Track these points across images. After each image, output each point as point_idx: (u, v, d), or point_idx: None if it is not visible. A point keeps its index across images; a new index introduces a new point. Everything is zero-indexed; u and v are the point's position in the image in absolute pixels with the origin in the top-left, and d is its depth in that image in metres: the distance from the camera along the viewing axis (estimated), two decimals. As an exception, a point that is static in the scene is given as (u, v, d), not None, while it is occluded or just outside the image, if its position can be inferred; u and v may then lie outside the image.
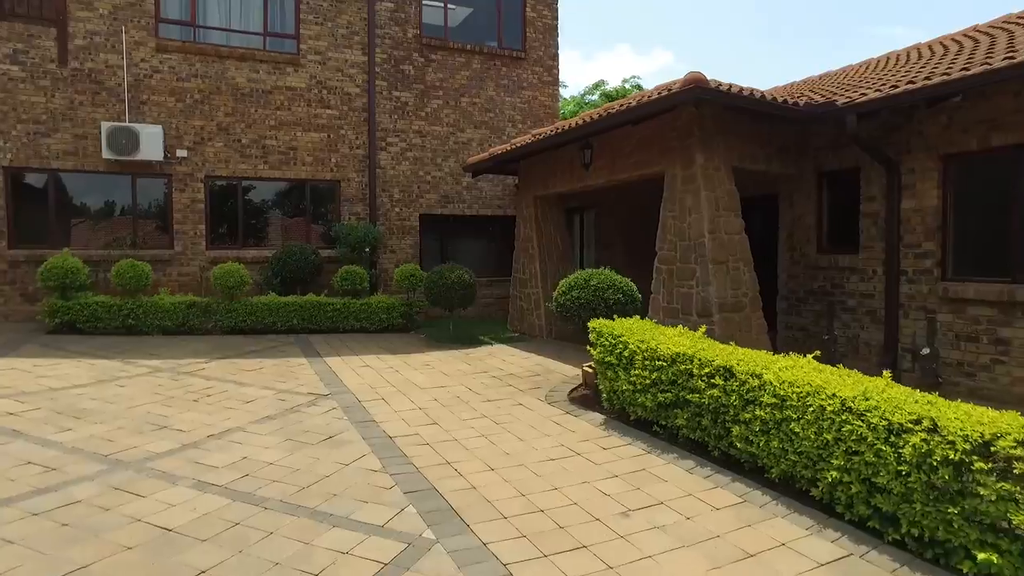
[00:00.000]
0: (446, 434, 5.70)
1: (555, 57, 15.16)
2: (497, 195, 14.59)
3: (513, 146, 10.95)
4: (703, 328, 6.06)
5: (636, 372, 5.63)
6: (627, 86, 27.98)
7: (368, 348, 10.21)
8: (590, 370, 6.89)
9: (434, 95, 13.88)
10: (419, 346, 10.56)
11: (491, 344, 10.78)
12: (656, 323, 6.61)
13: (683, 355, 5.20)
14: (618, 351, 5.93)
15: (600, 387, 6.33)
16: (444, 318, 12.76)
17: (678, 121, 8.07)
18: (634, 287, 8.33)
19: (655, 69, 60.84)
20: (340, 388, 7.41)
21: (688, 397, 5.11)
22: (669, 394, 5.31)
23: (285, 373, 8.18)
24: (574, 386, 7.39)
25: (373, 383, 7.70)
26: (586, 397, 6.92)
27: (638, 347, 5.69)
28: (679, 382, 5.21)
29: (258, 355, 9.29)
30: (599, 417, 6.22)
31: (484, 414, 6.37)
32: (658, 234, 8.44)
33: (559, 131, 9.61)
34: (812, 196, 8.98)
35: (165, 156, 11.73)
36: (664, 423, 5.48)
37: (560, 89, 15.87)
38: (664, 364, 5.34)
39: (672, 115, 8.10)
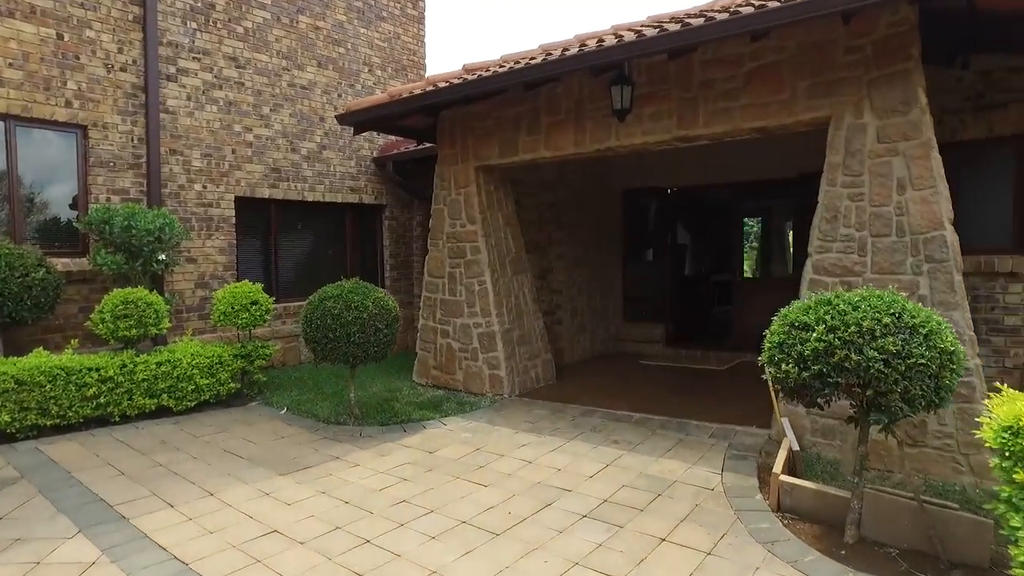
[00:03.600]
0: None
1: (422, -16, 10.74)
2: (350, 173, 9.55)
3: (470, 75, 6.35)
4: None
5: None
6: None
7: (214, 464, 4.80)
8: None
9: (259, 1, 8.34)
10: (304, 441, 5.41)
11: (440, 423, 6.09)
12: None
13: None
14: None
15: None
16: (303, 368, 7.48)
17: (871, 30, 4.75)
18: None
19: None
20: None
21: None
22: None
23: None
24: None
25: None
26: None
27: None
28: None
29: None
30: None
31: None
32: (816, 224, 5.01)
33: (584, 49, 5.48)
34: None
35: None
36: None
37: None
38: None
39: (861, 20, 4.76)
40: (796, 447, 4.54)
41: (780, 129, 5.34)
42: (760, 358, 3.91)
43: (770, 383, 5.32)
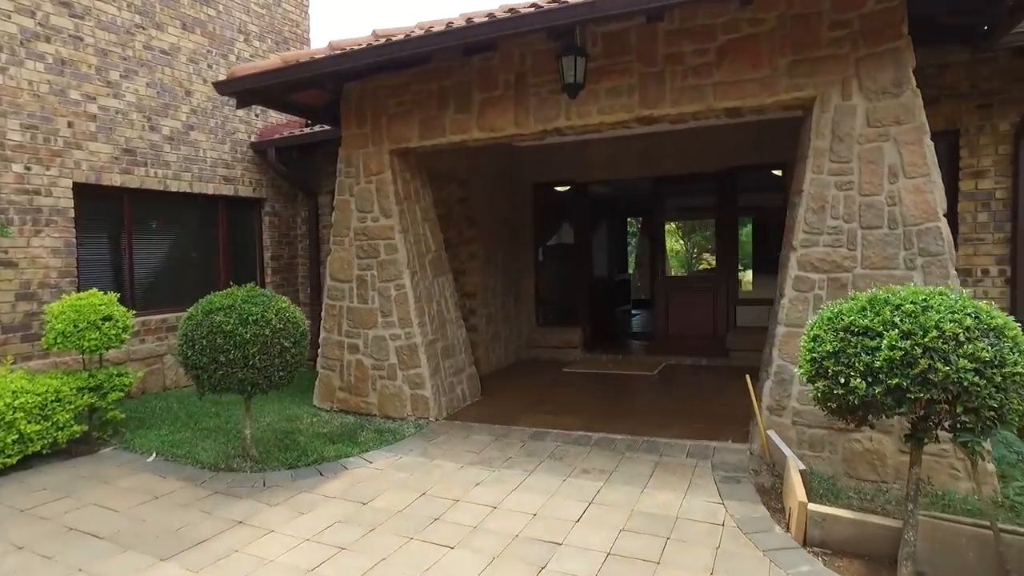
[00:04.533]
0: None
1: (305, -55, 9.35)
2: (223, 160, 7.98)
3: (379, 39, 5.24)
4: None
5: None
6: None
7: (57, 555, 3.40)
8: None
9: (99, -64, 6.60)
10: (189, 501, 4.12)
11: (363, 460, 4.96)
12: None
13: None
14: None
15: None
16: (169, 396, 6.00)
17: (860, 4, 4.35)
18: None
19: None
20: None
21: None
22: None
23: None
24: None
25: None
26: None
27: None
28: None
29: None
30: None
31: None
32: (801, 215, 4.54)
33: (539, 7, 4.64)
34: None
35: None
36: None
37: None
38: None
39: (845, -7, 4.35)
40: (801, 465, 3.99)
41: (757, 110, 4.84)
42: (798, 371, 3.27)
43: (751, 392, 4.79)
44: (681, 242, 15.22)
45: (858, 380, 2.85)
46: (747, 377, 4.79)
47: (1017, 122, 5.73)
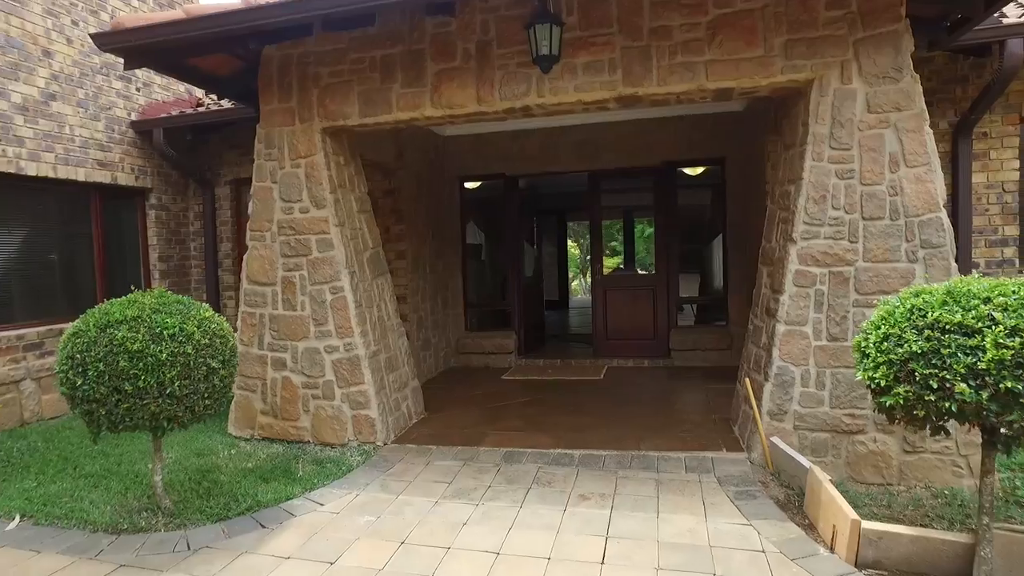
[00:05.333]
0: None
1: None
2: (97, 140, 6.57)
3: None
4: None
5: None
6: None
7: None
8: None
9: None
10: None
11: (311, 502, 4.07)
12: None
13: None
14: None
15: None
16: (29, 433, 4.75)
17: (860, -17, 4.12)
18: None
19: None
20: None
21: None
22: None
23: None
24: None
25: None
26: None
27: None
28: None
29: None
30: None
31: None
32: (801, 205, 4.24)
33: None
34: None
35: None
36: None
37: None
38: None
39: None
40: (827, 476, 3.66)
41: (751, 92, 4.50)
42: (863, 374, 2.89)
43: (750, 396, 4.44)
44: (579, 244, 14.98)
45: (962, 384, 2.49)
46: (746, 381, 4.44)
47: (955, 121, 5.87)
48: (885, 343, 2.78)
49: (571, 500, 3.93)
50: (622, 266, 15.50)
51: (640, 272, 10.02)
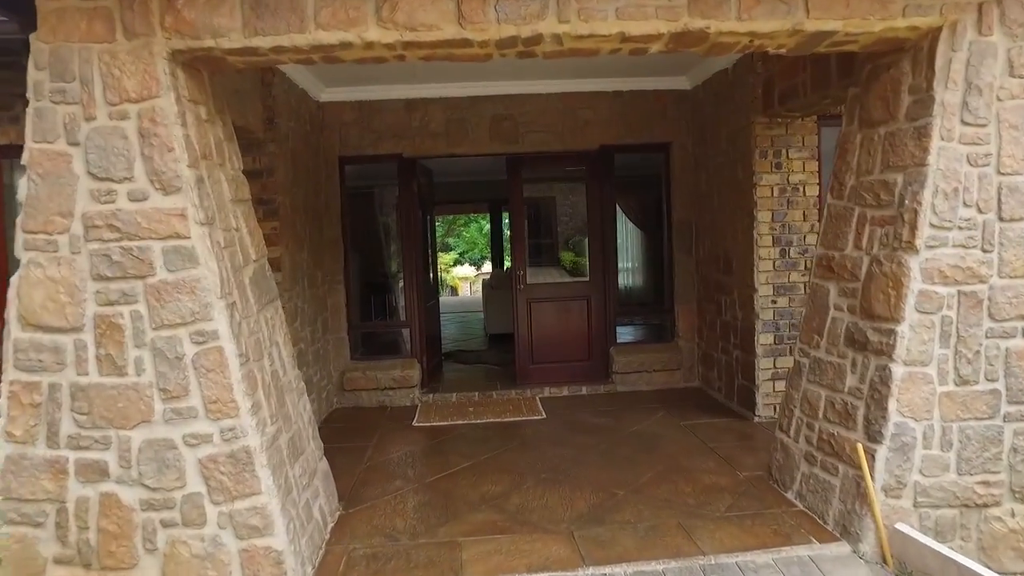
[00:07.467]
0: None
1: None
2: None
3: None
4: None
5: None
6: None
7: None
8: None
9: None
10: None
11: None
12: None
13: None
14: None
15: None
16: None
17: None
18: None
19: None
20: None
21: None
22: None
23: None
24: None
25: None
26: None
27: None
28: None
29: None
30: None
31: None
32: (927, 201, 3.05)
33: None
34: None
35: None
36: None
37: None
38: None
39: None
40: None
41: (851, 40, 3.17)
42: None
43: (863, 464, 3.19)
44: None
45: None
46: (859, 447, 3.18)
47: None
48: None
49: None
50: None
51: (564, 280, 8.56)
